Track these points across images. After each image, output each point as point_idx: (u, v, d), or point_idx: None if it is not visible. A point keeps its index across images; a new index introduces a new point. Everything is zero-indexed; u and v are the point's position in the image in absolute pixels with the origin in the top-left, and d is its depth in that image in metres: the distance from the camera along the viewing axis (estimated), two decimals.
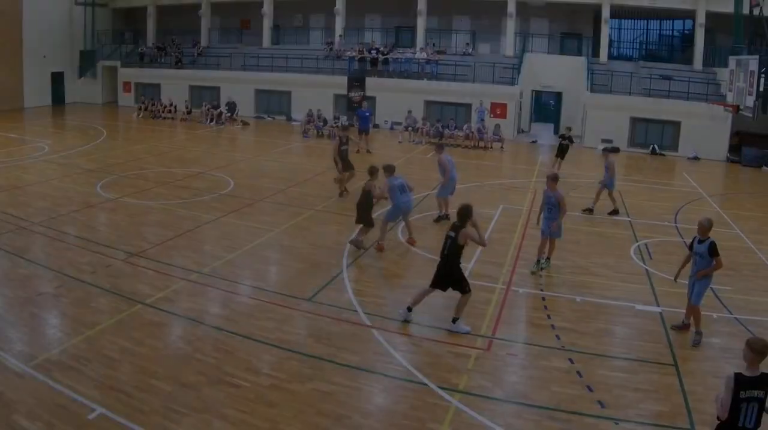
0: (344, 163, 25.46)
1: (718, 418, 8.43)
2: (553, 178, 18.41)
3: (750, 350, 8.27)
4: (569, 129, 32.45)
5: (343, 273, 17.38)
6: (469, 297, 14.30)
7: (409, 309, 14.61)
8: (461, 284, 14.35)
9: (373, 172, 19.93)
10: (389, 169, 20.15)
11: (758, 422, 8.21)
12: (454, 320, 14.26)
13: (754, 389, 8.10)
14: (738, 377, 8.19)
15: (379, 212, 20.50)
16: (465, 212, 14.29)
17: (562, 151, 31.64)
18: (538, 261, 18.33)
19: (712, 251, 13.77)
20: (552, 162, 32.53)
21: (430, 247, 19.63)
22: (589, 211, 24.31)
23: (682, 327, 14.75)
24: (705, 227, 14.10)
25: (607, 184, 24.35)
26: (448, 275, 14.41)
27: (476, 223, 14.55)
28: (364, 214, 19.58)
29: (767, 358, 8.30)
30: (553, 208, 17.96)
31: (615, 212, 24.23)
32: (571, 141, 31.76)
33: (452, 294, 15.10)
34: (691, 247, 14.44)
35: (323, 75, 49.83)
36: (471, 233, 14.30)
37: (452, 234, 14.27)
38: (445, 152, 22.83)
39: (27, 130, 42.47)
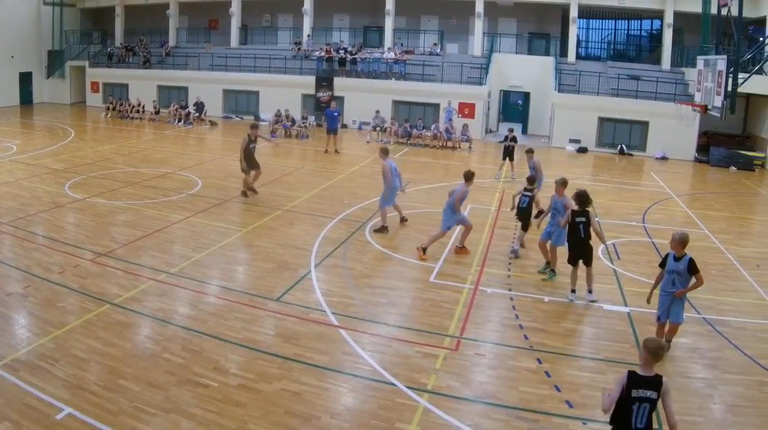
0: (249, 162, 24.90)
1: (610, 422, 8.51)
2: (562, 183, 18.01)
3: (645, 350, 8.33)
4: (511, 130, 32.58)
5: (311, 273, 17.37)
6: None
7: (573, 291, 15.83)
8: (590, 259, 16.13)
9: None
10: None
11: (649, 424, 8.27)
12: (590, 291, 16.16)
13: (646, 389, 8.18)
14: (631, 375, 8.28)
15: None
16: (586, 197, 15.79)
17: (508, 154, 31.80)
18: (548, 265, 18.45)
19: (692, 268, 12.95)
20: (500, 165, 32.55)
21: (395, 246, 19.92)
22: (540, 212, 24.23)
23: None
24: (677, 241, 13.10)
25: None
26: (587, 252, 16.08)
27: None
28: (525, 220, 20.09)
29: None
30: (557, 214, 17.77)
31: (540, 214, 24.06)
32: (515, 141, 31.91)
33: (424, 295, 15.42)
34: (663, 264, 13.50)
35: (291, 75, 49.94)
36: (596, 224, 15.84)
37: (583, 219, 15.81)
38: (389, 158, 21.84)
39: None
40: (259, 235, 20.70)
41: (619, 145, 43.64)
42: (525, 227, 19.88)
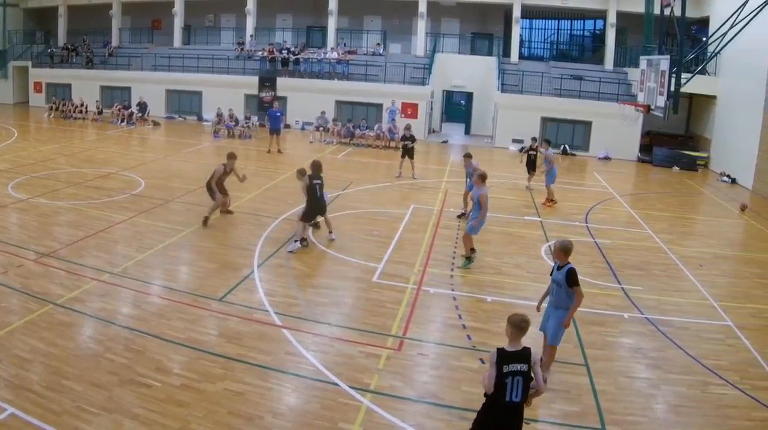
0: (222, 190, 22.71)
1: (485, 395, 8.73)
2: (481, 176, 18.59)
3: (509, 324, 8.80)
4: (408, 128, 32.63)
5: (254, 273, 17.42)
6: None
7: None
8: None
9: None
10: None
11: (525, 396, 8.57)
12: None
13: (516, 363, 8.51)
14: (500, 351, 8.62)
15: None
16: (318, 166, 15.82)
17: (406, 153, 31.52)
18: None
19: (570, 280, 12.01)
20: (399, 164, 32.20)
21: (340, 247, 19.99)
22: (463, 215, 24.26)
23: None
24: (558, 249, 12.36)
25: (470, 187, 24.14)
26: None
27: None
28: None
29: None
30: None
31: (462, 215, 24.16)
32: (413, 140, 31.78)
33: (367, 295, 15.78)
34: (551, 273, 12.81)
35: (234, 75, 49.80)
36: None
37: (319, 182, 17.20)
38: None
39: None
40: (202, 235, 20.69)
41: (563, 146, 44.05)
42: None
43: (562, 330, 12.41)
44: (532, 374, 8.68)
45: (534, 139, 31.40)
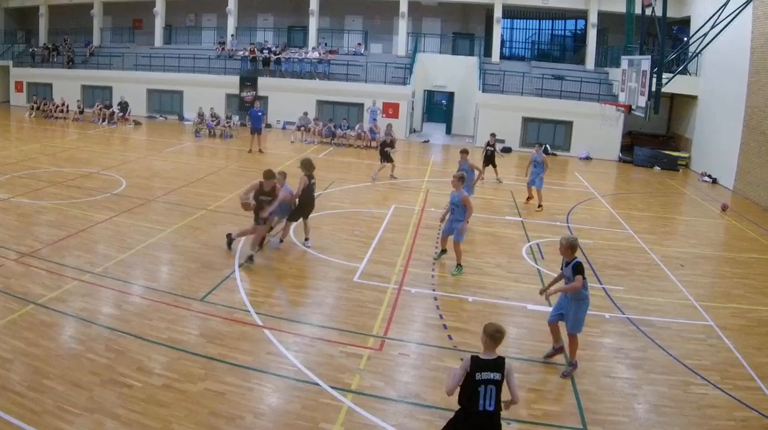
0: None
1: (459, 402, 8.78)
2: (459, 178, 18.63)
3: (484, 333, 8.74)
4: (390, 127, 32.83)
5: (235, 273, 17.43)
6: None
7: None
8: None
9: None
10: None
11: (498, 405, 8.62)
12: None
13: (490, 372, 8.53)
14: (474, 359, 8.60)
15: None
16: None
17: (385, 158, 31.12)
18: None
19: (575, 270, 12.43)
20: (378, 168, 31.46)
21: (321, 247, 20.02)
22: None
23: (554, 353, 13.70)
24: (565, 246, 12.74)
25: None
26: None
27: None
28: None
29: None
30: (456, 208, 18.49)
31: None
32: (393, 146, 31.60)
33: (349, 295, 15.90)
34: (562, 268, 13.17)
35: (215, 75, 49.74)
36: None
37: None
38: (286, 183, 19.66)
39: None
40: (183, 235, 20.65)
41: (544, 145, 43.94)
42: None
43: (582, 319, 12.85)
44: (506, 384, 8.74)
45: (493, 134, 31.94)
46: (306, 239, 20.22)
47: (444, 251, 19.42)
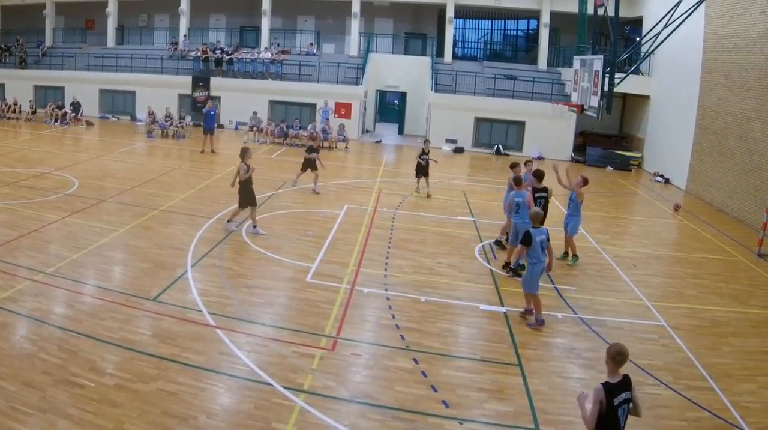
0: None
1: (588, 427, 8.70)
2: (582, 183, 20.31)
3: (608, 357, 8.88)
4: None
5: (188, 273, 17.48)
6: None
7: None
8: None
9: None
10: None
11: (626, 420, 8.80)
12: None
13: (622, 392, 8.63)
14: (606, 386, 8.63)
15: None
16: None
17: (309, 165, 28.30)
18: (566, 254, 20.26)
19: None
20: (297, 175, 29.59)
21: (273, 247, 20.17)
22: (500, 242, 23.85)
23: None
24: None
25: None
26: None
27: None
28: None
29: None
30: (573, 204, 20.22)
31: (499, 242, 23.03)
32: (317, 151, 29.90)
33: (301, 295, 16.11)
34: (528, 241, 15.28)
35: (168, 75, 49.46)
36: None
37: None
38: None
39: None
40: (135, 235, 20.61)
41: (496, 145, 44.63)
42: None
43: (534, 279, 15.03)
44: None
45: (426, 140, 30.41)
46: (254, 226, 21.11)
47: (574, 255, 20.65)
